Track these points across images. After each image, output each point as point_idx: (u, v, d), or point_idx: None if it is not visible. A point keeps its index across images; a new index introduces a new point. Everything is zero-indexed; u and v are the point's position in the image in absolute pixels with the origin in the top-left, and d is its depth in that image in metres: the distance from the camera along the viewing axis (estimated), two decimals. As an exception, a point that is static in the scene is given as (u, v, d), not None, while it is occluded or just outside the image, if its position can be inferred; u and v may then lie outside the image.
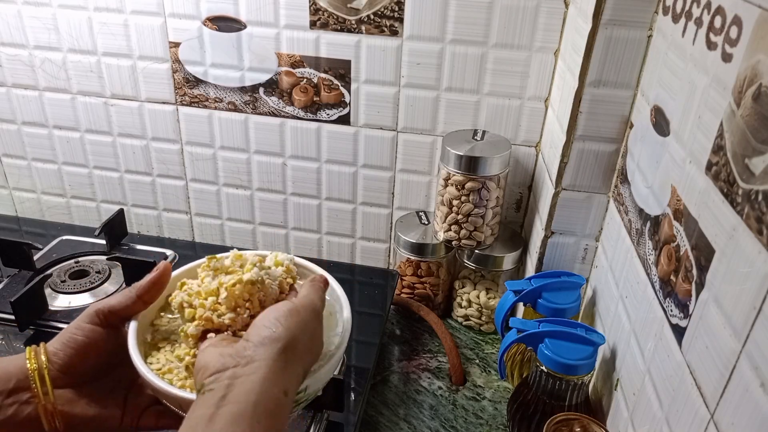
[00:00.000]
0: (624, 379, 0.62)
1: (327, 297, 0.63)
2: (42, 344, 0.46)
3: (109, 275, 0.90)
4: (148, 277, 0.49)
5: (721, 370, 0.42)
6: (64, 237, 0.99)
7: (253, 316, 0.46)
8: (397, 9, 0.83)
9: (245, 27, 0.89)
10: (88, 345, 0.47)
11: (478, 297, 0.91)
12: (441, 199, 0.87)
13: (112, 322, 0.48)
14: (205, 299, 0.48)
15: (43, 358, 0.45)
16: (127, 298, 0.49)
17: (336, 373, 0.73)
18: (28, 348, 0.46)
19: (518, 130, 0.89)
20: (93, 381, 0.48)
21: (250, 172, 1.01)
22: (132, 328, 0.49)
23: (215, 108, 0.97)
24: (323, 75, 0.90)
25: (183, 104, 0.97)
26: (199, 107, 0.97)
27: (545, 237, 0.78)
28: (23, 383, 0.44)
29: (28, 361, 0.45)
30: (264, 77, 0.92)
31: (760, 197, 0.39)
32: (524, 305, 0.77)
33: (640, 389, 0.57)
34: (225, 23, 0.90)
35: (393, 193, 0.98)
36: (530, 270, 0.84)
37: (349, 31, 0.86)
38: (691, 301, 0.47)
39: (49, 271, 0.90)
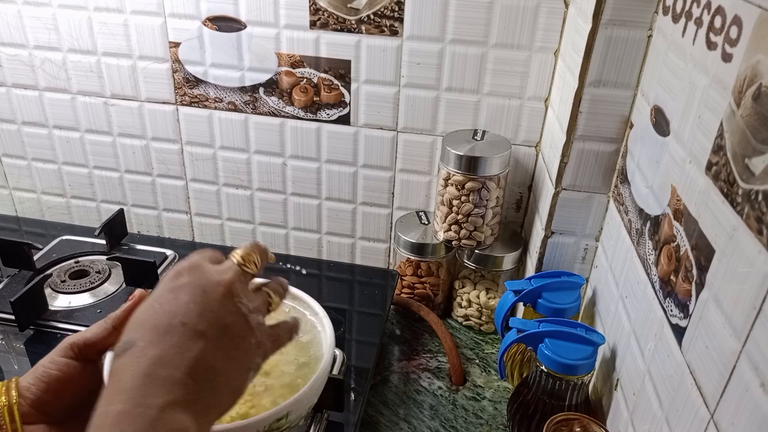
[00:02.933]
0: (624, 379, 0.62)
1: (308, 317, 0.61)
2: (15, 378, 0.44)
3: (109, 275, 0.90)
4: (123, 307, 0.46)
5: (721, 370, 0.42)
6: (64, 237, 0.99)
7: None
8: (397, 9, 0.83)
9: (245, 27, 0.89)
10: (63, 380, 0.44)
11: (478, 297, 0.91)
12: (441, 199, 0.87)
13: (88, 355, 0.45)
14: None
15: (13, 393, 0.42)
16: (103, 330, 0.45)
17: (336, 372, 0.73)
18: None
19: (518, 130, 0.89)
20: (69, 418, 0.45)
21: (250, 172, 1.01)
22: (108, 360, 0.45)
23: (215, 108, 0.97)
24: (323, 75, 0.90)
25: (183, 104, 0.97)
26: (199, 107, 0.97)
27: (545, 237, 0.78)
28: None
29: None
30: (264, 77, 0.92)
31: (760, 197, 0.39)
32: (524, 305, 0.77)
33: (640, 389, 0.57)
34: (225, 23, 0.90)
35: (393, 193, 0.98)
36: (530, 270, 0.84)
37: (349, 31, 0.86)
38: (691, 301, 0.47)
39: (49, 271, 0.90)
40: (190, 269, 0.41)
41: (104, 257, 0.93)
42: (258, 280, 0.46)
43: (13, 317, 0.78)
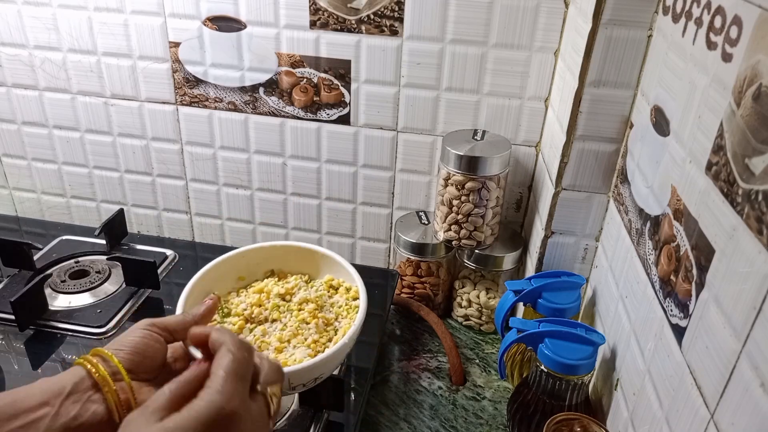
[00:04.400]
0: (624, 379, 0.62)
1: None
2: (97, 349, 0.45)
3: (109, 275, 0.90)
4: (203, 307, 0.52)
5: (721, 370, 0.42)
6: (64, 237, 0.99)
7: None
8: (397, 9, 0.83)
9: (245, 27, 0.89)
10: (146, 347, 0.46)
11: (478, 297, 0.91)
12: (441, 199, 0.87)
13: (165, 337, 0.48)
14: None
15: (106, 350, 0.44)
16: (181, 320, 0.50)
17: (336, 372, 0.73)
18: (76, 360, 0.44)
19: (518, 130, 0.89)
20: (151, 379, 0.47)
21: (250, 172, 1.01)
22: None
23: (215, 108, 0.97)
24: (323, 75, 0.90)
25: (183, 104, 0.97)
26: (199, 107, 0.97)
27: (545, 237, 0.78)
28: (80, 386, 0.42)
29: (81, 366, 0.43)
30: (264, 77, 0.92)
31: (760, 197, 0.39)
32: (524, 305, 0.77)
33: (640, 389, 0.57)
34: (225, 23, 0.90)
35: (393, 193, 0.98)
36: (530, 270, 0.84)
37: (349, 31, 0.86)
38: (691, 301, 0.47)
39: (49, 271, 0.90)
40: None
41: (104, 257, 0.93)
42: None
43: (13, 317, 0.78)
